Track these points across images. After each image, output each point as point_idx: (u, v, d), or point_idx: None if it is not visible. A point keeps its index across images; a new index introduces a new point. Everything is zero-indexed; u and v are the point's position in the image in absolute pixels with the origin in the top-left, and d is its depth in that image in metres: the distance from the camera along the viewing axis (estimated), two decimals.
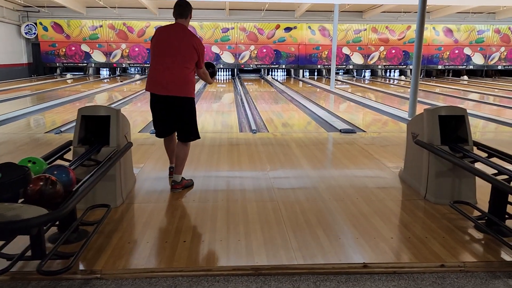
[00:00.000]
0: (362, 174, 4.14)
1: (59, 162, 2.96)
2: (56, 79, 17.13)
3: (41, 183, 1.98)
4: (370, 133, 6.30)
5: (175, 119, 3.50)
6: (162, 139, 3.83)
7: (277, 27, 19.19)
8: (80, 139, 3.19)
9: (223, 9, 18.12)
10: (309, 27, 19.32)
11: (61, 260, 2.31)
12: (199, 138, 3.69)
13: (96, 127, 3.28)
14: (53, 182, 2.00)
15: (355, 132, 6.23)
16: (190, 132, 3.58)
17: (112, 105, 9.40)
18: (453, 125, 3.46)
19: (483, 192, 3.16)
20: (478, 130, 6.85)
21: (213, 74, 3.80)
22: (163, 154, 4.34)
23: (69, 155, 3.17)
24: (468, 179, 3.24)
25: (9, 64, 17.10)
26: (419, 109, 7.70)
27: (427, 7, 7.42)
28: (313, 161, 4.61)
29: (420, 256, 2.46)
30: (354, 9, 18.13)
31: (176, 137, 3.65)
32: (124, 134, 3.40)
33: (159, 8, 18.34)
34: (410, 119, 7.23)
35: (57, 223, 2.56)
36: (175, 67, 3.36)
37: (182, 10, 3.47)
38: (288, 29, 19.26)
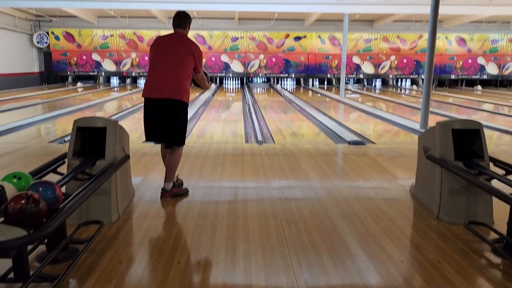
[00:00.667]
0: (371, 190, 3.95)
1: (52, 175, 2.84)
2: (67, 88, 17.25)
3: (23, 201, 1.84)
4: (380, 145, 6.10)
5: (166, 123, 3.44)
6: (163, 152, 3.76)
7: (287, 36, 19.12)
8: (76, 151, 3.07)
9: (233, 18, 18.12)
10: (319, 36, 19.22)
11: (49, 282, 2.18)
12: (183, 144, 3.61)
13: (93, 139, 3.16)
14: (36, 200, 1.87)
15: (364, 144, 6.04)
16: (176, 136, 3.51)
17: (121, 114, 9.37)
18: (467, 139, 3.26)
19: (501, 212, 2.95)
20: (493, 142, 6.61)
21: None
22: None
23: (63, 168, 3.05)
24: (485, 198, 3.03)
25: (21, 72, 17.28)
26: (431, 119, 7.49)
27: (439, 16, 7.24)
28: (320, 175, 4.43)
29: (432, 283, 2.26)
30: (364, 18, 17.99)
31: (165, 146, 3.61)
32: (122, 146, 3.27)
33: (169, 18, 18.40)
34: (421, 130, 7.03)
35: (46, 241, 2.43)
36: (173, 72, 3.38)
37: (181, 20, 3.52)
38: (297, 38, 19.17)
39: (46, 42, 18.34)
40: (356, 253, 2.61)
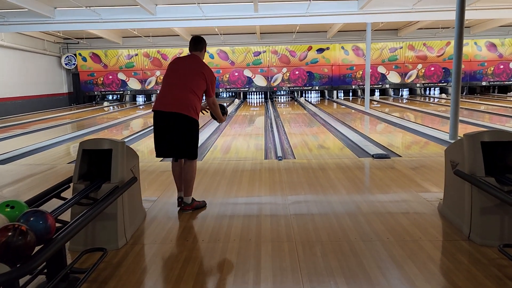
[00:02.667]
0: (395, 208, 3.68)
1: (55, 201, 2.76)
2: (94, 107, 17.65)
3: (9, 233, 1.73)
4: (406, 158, 5.80)
5: (174, 138, 3.48)
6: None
7: (309, 48, 18.97)
8: (82, 174, 2.99)
9: (254, 33, 18.16)
10: (342, 47, 18.97)
11: None
12: (195, 158, 3.65)
13: (100, 162, 3.08)
14: (23, 232, 1.76)
15: (389, 157, 5.75)
16: (187, 151, 3.56)
17: (146, 130, 9.41)
18: (499, 152, 2.98)
19: None
20: None
21: (223, 115, 3.95)
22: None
23: (69, 192, 2.97)
24: None
25: (50, 94, 17.84)
26: (462, 129, 7.11)
27: (467, 22, 6.92)
28: (340, 192, 4.20)
29: None
30: (388, 27, 17.64)
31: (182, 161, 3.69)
32: (130, 168, 3.17)
33: (191, 35, 18.62)
34: (451, 141, 6.67)
35: (45, 270, 2.33)
36: (181, 88, 3.49)
37: (197, 44, 3.71)
38: (320, 50, 18.99)
39: (74, 64, 18.91)
40: (376, 281, 2.37)
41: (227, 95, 20.11)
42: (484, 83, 19.23)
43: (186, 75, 3.52)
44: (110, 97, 20.19)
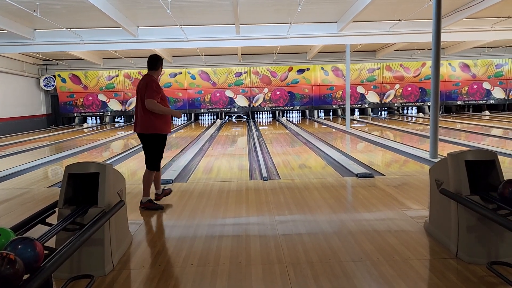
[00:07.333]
0: (383, 227, 3.71)
1: (40, 227, 2.68)
2: (74, 129, 17.37)
3: None
4: (389, 176, 5.88)
5: (143, 149, 4.48)
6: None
7: (290, 69, 19.27)
8: (67, 199, 2.92)
9: (236, 54, 18.36)
10: (322, 68, 19.34)
11: None
12: (151, 169, 4.42)
13: (86, 186, 3.02)
14: (11, 261, 1.69)
15: (373, 176, 5.83)
16: (147, 160, 4.43)
17: (127, 152, 9.28)
18: (482, 170, 3.06)
19: None
20: (505, 168, 6.34)
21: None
22: (168, 206, 4.47)
23: (55, 218, 2.89)
24: (507, 234, 2.80)
25: (28, 115, 17.49)
26: (440, 147, 7.28)
27: (441, 44, 7.18)
28: (328, 212, 4.21)
29: None
30: (366, 48, 18.12)
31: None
32: (117, 192, 3.11)
33: (173, 56, 18.71)
34: (431, 159, 6.82)
35: None
36: (140, 109, 4.30)
37: (150, 63, 4.45)
38: (301, 71, 19.31)
39: (52, 85, 18.66)
40: None
41: (209, 116, 20.10)
42: (459, 102, 19.84)
43: (139, 96, 4.33)
44: (90, 122, 19.90)
